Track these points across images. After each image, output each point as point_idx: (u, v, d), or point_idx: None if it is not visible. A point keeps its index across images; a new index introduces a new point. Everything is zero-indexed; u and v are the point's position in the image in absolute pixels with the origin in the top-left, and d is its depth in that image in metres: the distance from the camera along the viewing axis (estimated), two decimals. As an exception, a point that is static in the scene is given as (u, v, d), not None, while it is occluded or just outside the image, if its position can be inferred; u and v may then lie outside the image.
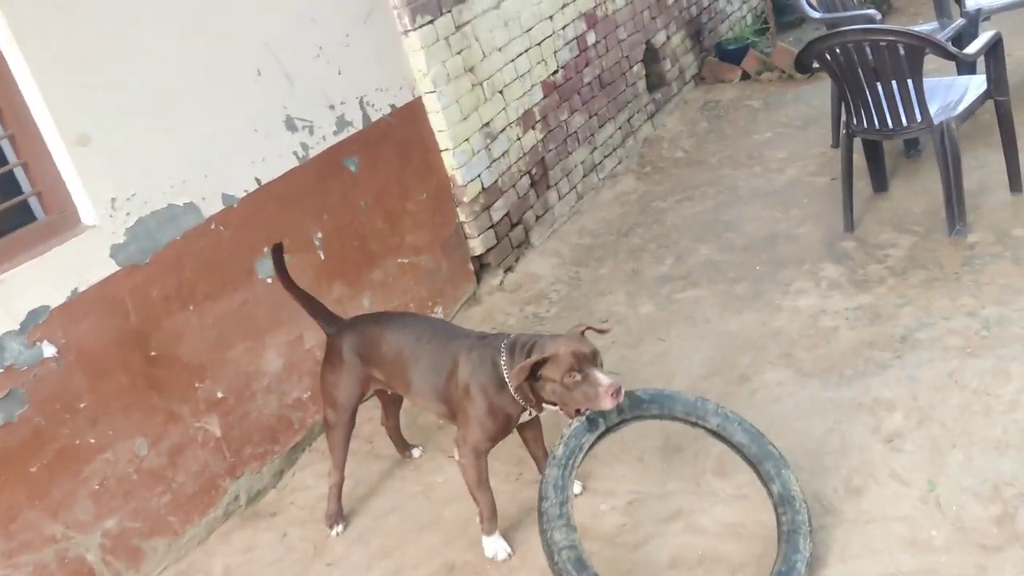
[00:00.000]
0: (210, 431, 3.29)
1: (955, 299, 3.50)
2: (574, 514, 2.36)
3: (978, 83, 4.08)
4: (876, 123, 3.98)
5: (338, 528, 3.13)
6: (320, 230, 3.70)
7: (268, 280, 3.46)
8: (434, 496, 3.21)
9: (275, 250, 3.06)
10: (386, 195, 4.01)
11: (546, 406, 2.63)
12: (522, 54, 4.78)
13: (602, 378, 2.42)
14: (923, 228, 4.08)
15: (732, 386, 3.36)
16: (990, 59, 3.93)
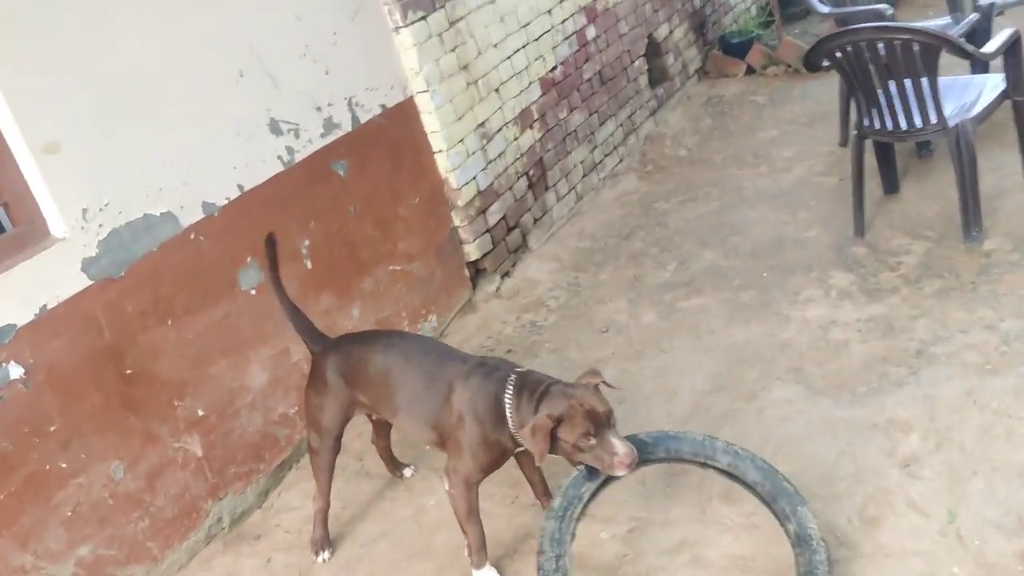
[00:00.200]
0: (191, 451, 3.14)
1: (972, 311, 3.34)
2: (572, 569, 2.22)
3: (994, 83, 3.91)
4: (889, 125, 3.81)
5: (324, 555, 2.98)
6: (307, 238, 3.54)
7: (252, 292, 3.30)
8: (425, 521, 3.06)
9: (268, 244, 2.84)
10: (377, 200, 3.84)
11: None
12: (519, 50, 4.60)
13: (619, 446, 2.34)
14: (936, 233, 3.91)
15: (739, 403, 3.21)
16: (1008, 58, 3.75)
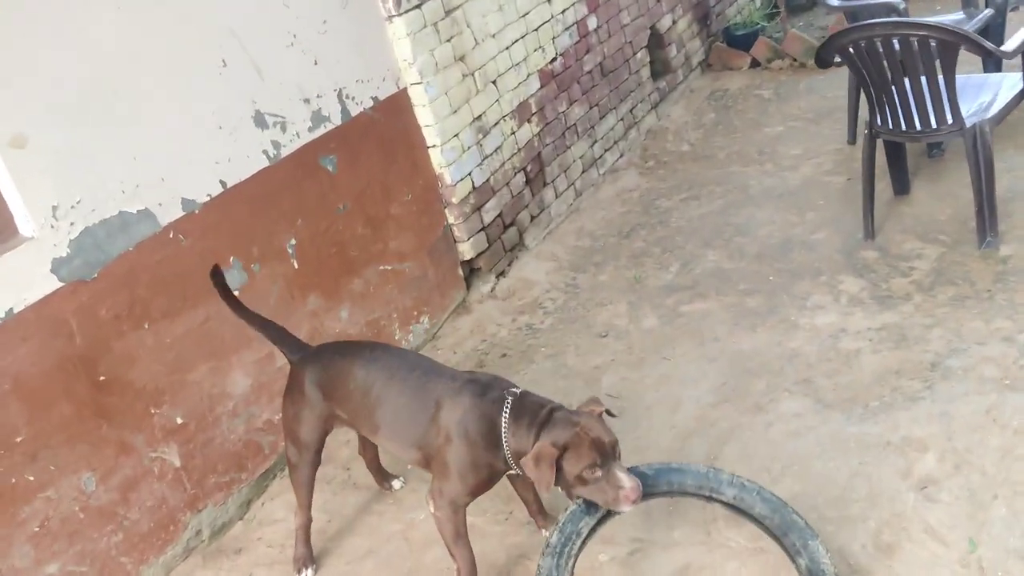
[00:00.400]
0: (168, 461, 2.98)
1: (989, 321, 3.20)
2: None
3: (1012, 82, 3.75)
4: (903, 124, 3.65)
5: (307, 572, 2.84)
6: (294, 236, 3.37)
7: (236, 293, 3.13)
8: (414, 537, 2.91)
9: (214, 275, 2.74)
10: (367, 197, 3.67)
11: None
12: (518, 41, 4.42)
13: (624, 480, 2.21)
14: (950, 238, 3.76)
15: (745, 416, 3.06)
16: (1029, 56, 3.59)
